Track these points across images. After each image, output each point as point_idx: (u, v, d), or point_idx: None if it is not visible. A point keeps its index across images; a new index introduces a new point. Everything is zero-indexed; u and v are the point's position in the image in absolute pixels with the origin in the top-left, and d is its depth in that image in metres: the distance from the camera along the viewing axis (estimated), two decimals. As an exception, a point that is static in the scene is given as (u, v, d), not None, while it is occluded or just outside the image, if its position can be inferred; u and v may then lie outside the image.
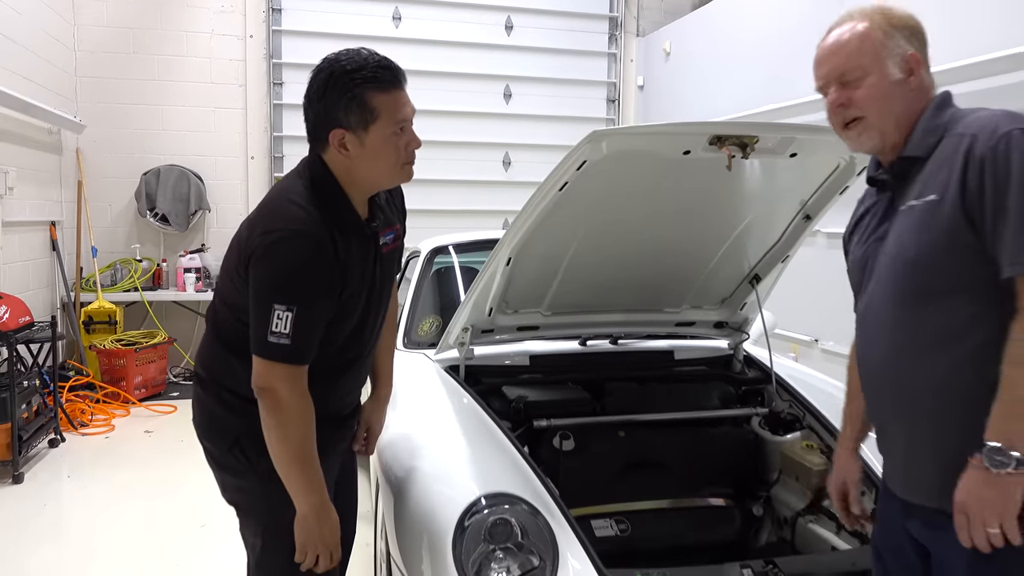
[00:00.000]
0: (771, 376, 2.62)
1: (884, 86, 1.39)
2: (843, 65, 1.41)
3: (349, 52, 1.60)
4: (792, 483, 2.36)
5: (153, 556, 3.25)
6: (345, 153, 1.59)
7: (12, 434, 3.96)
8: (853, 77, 1.40)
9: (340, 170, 1.62)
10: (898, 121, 1.40)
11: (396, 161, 1.61)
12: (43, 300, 5.59)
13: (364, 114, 1.56)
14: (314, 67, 1.62)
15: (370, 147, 1.58)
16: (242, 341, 1.62)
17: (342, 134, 1.57)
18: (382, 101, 1.56)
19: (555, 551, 1.71)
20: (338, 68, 1.56)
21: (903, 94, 1.39)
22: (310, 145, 1.66)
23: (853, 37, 1.40)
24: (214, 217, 6.63)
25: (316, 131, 1.62)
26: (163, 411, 5.45)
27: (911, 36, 1.41)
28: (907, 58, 1.39)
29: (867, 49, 1.39)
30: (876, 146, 1.44)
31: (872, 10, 1.42)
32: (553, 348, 2.75)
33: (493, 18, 7.11)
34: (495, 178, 7.17)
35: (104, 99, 6.28)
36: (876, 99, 1.39)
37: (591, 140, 1.81)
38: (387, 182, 1.68)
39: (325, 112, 1.58)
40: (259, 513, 1.72)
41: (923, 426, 1.39)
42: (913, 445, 1.41)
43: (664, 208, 2.21)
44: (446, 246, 3.46)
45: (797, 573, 1.76)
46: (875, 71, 1.39)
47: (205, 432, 1.74)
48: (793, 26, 5.08)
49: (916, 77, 1.40)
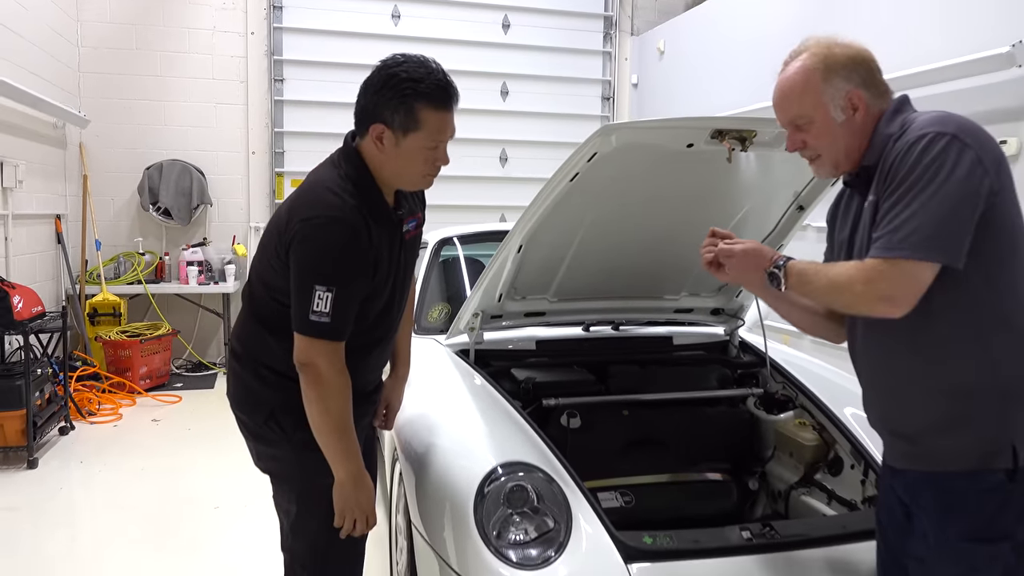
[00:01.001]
0: (765, 360, 2.75)
1: (829, 129, 1.53)
2: (792, 113, 1.57)
3: (416, 60, 1.70)
4: (786, 458, 2.50)
5: (170, 536, 3.37)
6: (380, 147, 1.71)
7: (27, 420, 4.07)
8: (802, 123, 1.55)
9: (372, 162, 1.74)
10: (848, 152, 1.54)
11: (422, 170, 1.74)
12: (49, 292, 5.68)
13: (408, 121, 1.67)
14: (382, 59, 1.72)
15: (403, 150, 1.70)
16: (277, 319, 1.75)
17: (382, 129, 1.69)
18: (429, 116, 1.68)
19: (569, 514, 1.84)
20: (401, 72, 1.67)
21: (848, 131, 1.53)
22: (353, 129, 1.77)
23: (796, 87, 1.54)
24: (216, 211, 6.73)
25: (361, 118, 1.73)
26: (169, 401, 5.56)
27: (851, 72, 1.51)
28: (849, 97, 1.51)
29: (808, 100, 1.53)
30: (834, 173, 1.60)
31: (813, 50, 1.54)
32: (558, 334, 2.89)
33: (490, 16, 7.23)
34: (492, 174, 7.30)
35: (107, 94, 6.37)
36: (824, 141, 1.54)
37: (602, 133, 1.94)
38: (407, 185, 1.80)
39: (375, 105, 1.69)
40: (293, 480, 1.84)
41: (890, 402, 1.57)
42: (887, 418, 1.60)
43: (666, 198, 2.35)
44: (451, 237, 3.59)
45: (792, 534, 1.89)
46: (819, 117, 1.53)
47: (241, 405, 1.86)
48: (784, 27, 5.22)
49: (860, 112, 1.52)
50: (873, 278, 1.38)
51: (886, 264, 1.37)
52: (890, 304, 1.39)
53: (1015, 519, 1.41)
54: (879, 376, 1.59)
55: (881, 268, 1.38)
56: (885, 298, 1.38)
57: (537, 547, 1.79)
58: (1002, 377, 1.42)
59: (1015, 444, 1.40)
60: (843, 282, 1.43)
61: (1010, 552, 1.40)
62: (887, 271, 1.37)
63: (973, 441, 1.43)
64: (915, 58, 4.21)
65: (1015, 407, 1.42)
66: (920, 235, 1.35)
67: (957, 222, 1.36)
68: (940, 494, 1.46)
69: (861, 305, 1.43)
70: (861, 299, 1.42)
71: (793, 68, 1.56)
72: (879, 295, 1.39)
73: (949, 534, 1.44)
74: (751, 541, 1.85)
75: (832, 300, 1.51)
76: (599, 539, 1.81)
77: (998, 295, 1.43)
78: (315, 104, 6.79)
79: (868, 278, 1.39)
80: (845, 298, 1.45)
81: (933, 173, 1.36)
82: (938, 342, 1.45)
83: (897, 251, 1.36)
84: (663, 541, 1.83)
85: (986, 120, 3.89)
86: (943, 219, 1.35)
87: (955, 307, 1.43)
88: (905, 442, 1.54)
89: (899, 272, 1.37)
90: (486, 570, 1.75)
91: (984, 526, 1.41)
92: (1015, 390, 1.42)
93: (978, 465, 1.42)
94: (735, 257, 1.62)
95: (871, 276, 1.39)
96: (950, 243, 1.36)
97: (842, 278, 1.44)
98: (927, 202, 1.35)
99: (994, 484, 1.41)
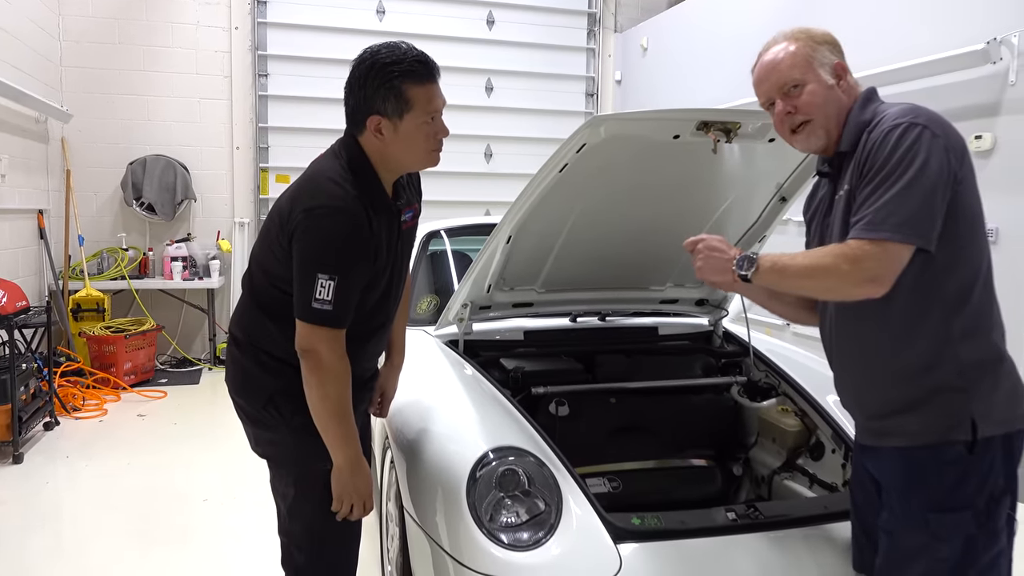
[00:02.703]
0: (749, 349, 2.81)
1: (822, 91, 1.60)
2: (783, 78, 1.62)
3: (389, 45, 1.75)
4: (769, 444, 2.56)
5: (159, 528, 3.37)
6: (380, 138, 1.74)
7: (12, 415, 4.05)
8: (792, 87, 1.61)
9: (374, 152, 1.77)
10: (837, 119, 1.61)
11: (426, 147, 1.78)
12: (32, 288, 5.64)
13: (400, 104, 1.71)
14: (356, 57, 1.76)
15: (403, 133, 1.74)
16: (278, 306, 1.78)
17: (379, 120, 1.73)
18: (416, 92, 1.72)
19: (559, 497, 1.88)
20: (378, 60, 1.71)
21: (837, 97, 1.61)
22: (347, 128, 1.81)
23: (786, 55, 1.62)
24: (200, 206, 6.71)
25: (355, 116, 1.77)
26: (154, 396, 5.54)
27: (833, 48, 1.63)
28: (835, 66, 1.61)
29: (800, 63, 1.60)
30: (823, 144, 1.64)
31: (797, 32, 1.64)
32: (546, 324, 2.93)
33: (475, 13, 7.26)
34: (477, 170, 7.33)
35: (90, 89, 6.33)
36: (818, 103, 1.60)
37: (591, 125, 1.99)
38: (416, 165, 1.84)
39: (365, 100, 1.73)
40: (291, 464, 1.88)
41: (860, 382, 1.64)
42: (857, 398, 1.67)
43: (653, 190, 2.39)
44: (439, 230, 3.62)
45: (776, 515, 1.95)
46: (812, 79, 1.60)
47: (239, 390, 1.89)
48: (765, 24, 5.29)
49: (845, 81, 1.61)
50: (860, 257, 1.43)
51: (871, 245, 1.42)
52: (876, 284, 1.44)
53: (975, 489, 1.48)
54: (849, 356, 1.66)
55: (867, 248, 1.43)
56: (872, 278, 1.43)
57: (528, 529, 1.83)
58: (961, 354, 1.49)
59: (974, 417, 1.47)
60: (827, 264, 1.47)
61: (971, 521, 1.47)
62: (873, 251, 1.42)
63: (936, 416, 1.50)
64: (894, 54, 4.30)
65: (973, 382, 1.49)
66: (900, 218, 1.41)
67: (932, 207, 1.42)
68: (905, 467, 1.54)
69: (846, 286, 1.47)
70: (847, 279, 1.45)
71: (776, 48, 1.63)
72: (866, 275, 1.43)
73: (913, 505, 1.52)
74: (736, 521, 1.91)
75: (812, 285, 1.53)
76: (589, 521, 1.85)
77: (957, 277, 1.50)
78: (300, 100, 6.79)
79: (854, 257, 1.43)
80: (828, 281, 1.48)
81: (909, 161, 1.42)
82: (902, 322, 1.52)
83: (882, 232, 1.41)
84: (651, 522, 1.88)
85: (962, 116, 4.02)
86: (920, 204, 1.41)
87: (918, 288, 1.50)
88: (875, 420, 1.61)
89: (884, 252, 1.42)
90: (479, 552, 1.79)
91: (945, 496, 1.48)
92: (973, 367, 1.49)
93: (939, 438, 1.49)
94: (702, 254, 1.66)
95: (857, 256, 1.43)
96: (925, 227, 1.42)
97: (825, 260, 1.48)
98: (905, 188, 1.41)
99: (954, 456, 1.48)
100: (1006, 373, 1.53)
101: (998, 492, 1.49)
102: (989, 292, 1.54)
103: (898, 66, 4.20)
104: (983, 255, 1.54)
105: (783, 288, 1.60)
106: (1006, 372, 1.53)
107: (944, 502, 1.48)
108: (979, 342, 1.51)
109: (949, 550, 1.48)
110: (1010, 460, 1.51)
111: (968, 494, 1.48)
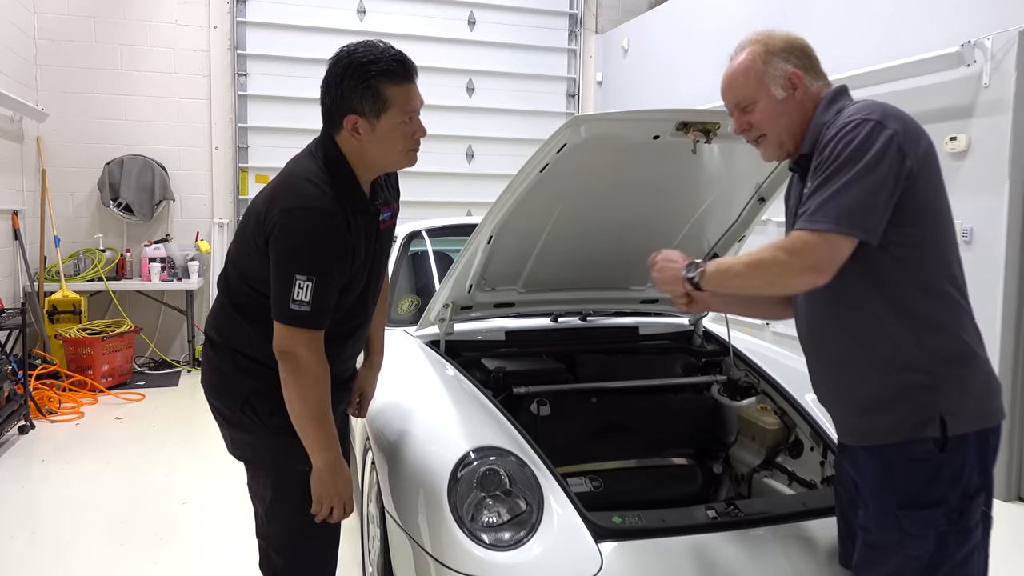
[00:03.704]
0: (728, 348, 2.83)
1: (772, 107, 1.63)
2: (736, 97, 1.67)
3: (366, 44, 1.73)
4: (748, 443, 2.58)
5: (137, 532, 3.34)
6: (357, 137, 1.73)
7: (-14, 418, 3.99)
8: (747, 104, 1.66)
9: (351, 152, 1.76)
10: (791, 130, 1.64)
11: (403, 147, 1.77)
12: (6, 289, 5.57)
13: (377, 103, 1.70)
14: (333, 56, 1.75)
15: (380, 133, 1.73)
16: (254, 306, 1.76)
17: (356, 119, 1.71)
18: (394, 92, 1.71)
19: (540, 497, 1.88)
20: (356, 59, 1.70)
21: (790, 109, 1.63)
22: (324, 127, 1.80)
23: (739, 72, 1.66)
24: (178, 207, 6.65)
25: (331, 115, 1.75)
26: (132, 399, 5.48)
27: (788, 55, 1.63)
28: (788, 76, 1.62)
29: (751, 80, 1.64)
30: (779, 154, 1.69)
31: (756, 40, 1.67)
32: (527, 324, 2.93)
33: (456, 13, 7.26)
34: (458, 170, 7.33)
35: (66, 88, 6.26)
36: (768, 119, 1.64)
37: (571, 124, 1.99)
38: (393, 165, 1.83)
39: (341, 98, 1.71)
40: (269, 467, 1.86)
41: (834, 380, 1.66)
42: (832, 398, 1.70)
43: (633, 189, 2.40)
44: (420, 231, 3.61)
45: (755, 512, 1.96)
46: (762, 96, 1.63)
47: (216, 392, 1.87)
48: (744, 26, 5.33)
49: (800, 90, 1.63)
50: (798, 248, 1.46)
51: (811, 235, 1.45)
52: (816, 272, 1.46)
53: (948, 486, 1.49)
54: (822, 356, 1.68)
55: (806, 239, 1.46)
56: (811, 266, 1.45)
57: (510, 529, 1.83)
58: (927, 352, 1.51)
59: (942, 414, 1.49)
60: (765, 258, 1.50)
61: (942, 517, 1.49)
62: (811, 241, 1.45)
63: (906, 414, 1.52)
64: (868, 57, 4.35)
65: (941, 380, 1.50)
66: (839, 210, 1.43)
67: (875, 201, 1.44)
68: (877, 466, 1.56)
69: (787, 276, 1.48)
70: (787, 269, 1.47)
71: (738, 59, 1.67)
72: (805, 263, 1.46)
73: (885, 503, 1.53)
74: (716, 519, 1.92)
75: (755, 281, 1.54)
76: (570, 520, 1.86)
77: (916, 274, 1.51)
78: (280, 100, 6.75)
79: (793, 248, 1.47)
80: (769, 274, 1.50)
81: (858, 156, 1.45)
82: (863, 320, 1.54)
83: (820, 223, 1.44)
84: (632, 520, 1.89)
85: (937, 118, 4.07)
86: (863, 198, 1.43)
87: (875, 285, 1.52)
88: (850, 419, 1.63)
89: (822, 242, 1.44)
90: (460, 552, 1.79)
91: (917, 494, 1.50)
92: (940, 364, 1.51)
93: (909, 436, 1.51)
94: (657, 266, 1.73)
95: (796, 246, 1.46)
96: (867, 220, 1.44)
97: (764, 255, 1.51)
98: (849, 182, 1.44)
99: (924, 453, 1.49)
100: (977, 370, 1.54)
101: (972, 489, 1.50)
102: (958, 289, 1.55)
103: (874, 68, 4.26)
104: (948, 252, 1.55)
105: (732, 289, 1.64)
106: (977, 369, 1.54)
107: (915, 499, 1.50)
108: (946, 339, 1.52)
109: (921, 547, 1.49)
110: (985, 457, 1.52)
111: (940, 491, 1.49)
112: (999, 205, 3.72)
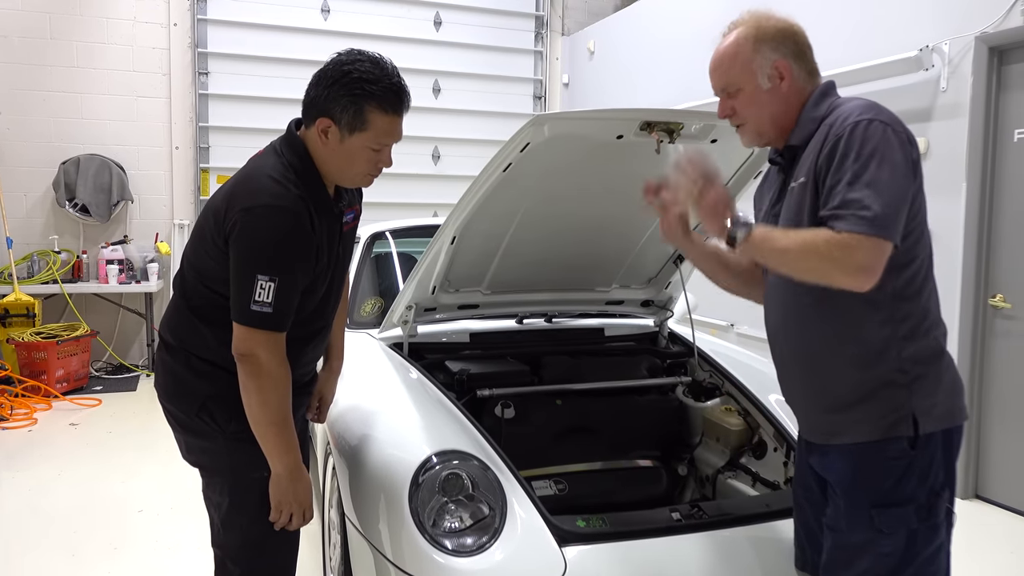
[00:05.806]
0: (694, 350, 2.83)
1: (756, 96, 1.61)
2: (723, 80, 1.65)
3: (373, 59, 1.67)
4: (713, 444, 2.58)
5: (91, 541, 3.24)
6: (324, 141, 1.68)
7: (-68, 426, 3.85)
8: (732, 90, 1.64)
9: (314, 153, 1.71)
10: (774, 121, 1.62)
11: (363, 170, 1.73)
12: (-45, 292, 5.40)
13: (356, 121, 1.65)
14: (340, 52, 1.69)
15: (347, 148, 1.68)
16: (211, 308, 1.71)
17: (328, 124, 1.67)
18: (377, 119, 1.66)
19: (503, 501, 1.86)
20: (355, 70, 1.64)
21: (774, 99, 1.61)
22: (294, 120, 1.75)
23: (728, 55, 1.62)
24: (137, 208, 6.50)
25: (309, 109, 1.70)
26: (88, 404, 5.34)
27: (779, 45, 1.60)
28: (775, 66, 1.59)
29: (738, 67, 1.61)
30: (759, 142, 1.67)
31: (748, 22, 1.63)
32: (492, 326, 2.90)
33: (422, 13, 7.21)
34: (424, 171, 7.27)
35: (19, 85, 6.08)
36: (751, 108, 1.62)
37: (535, 123, 1.97)
38: (346, 182, 1.78)
39: (324, 99, 1.66)
40: (225, 474, 1.80)
41: (808, 376, 1.64)
42: (804, 395, 1.67)
43: (597, 190, 2.39)
44: (384, 232, 3.56)
45: (719, 514, 1.96)
46: (747, 85, 1.61)
47: (170, 396, 1.81)
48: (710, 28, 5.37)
49: (787, 81, 1.60)
50: (853, 247, 1.39)
51: (865, 239, 1.39)
52: (867, 274, 1.41)
53: (917, 484, 1.50)
54: (795, 353, 1.65)
55: (861, 240, 1.39)
56: (864, 268, 1.40)
57: (472, 534, 1.80)
58: (905, 350, 1.51)
59: (915, 413, 1.49)
60: (819, 244, 1.42)
61: (913, 515, 1.49)
62: (866, 243, 1.39)
63: (880, 412, 1.51)
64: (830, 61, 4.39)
65: (915, 378, 1.51)
66: (888, 218, 1.40)
67: (904, 206, 1.44)
68: (851, 464, 1.55)
69: (835, 271, 1.42)
70: (837, 265, 1.41)
71: (728, 40, 1.64)
72: (858, 265, 1.40)
73: (858, 501, 1.53)
74: (680, 521, 1.91)
75: (801, 264, 1.47)
76: (533, 524, 1.83)
77: (907, 273, 1.51)
78: (242, 99, 6.63)
79: (847, 245, 1.40)
80: (821, 262, 1.43)
81: (881, 158, 1.42)
82: (840, 316, 1.53)
83: (871, 229, 1.39)
84: (596, 524, 1.87)
85: (897, 120, 4.11)
86: (898, 204, 1.42)
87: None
88: (822, 415, 1.61)
89: (875, 247, 1.40)
90: (422, 559, 1.75)
91: (889, 492, 1.50)
92: (916, 362, 1.51)
93: (883, 434, 1.51)
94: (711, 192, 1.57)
95: (851, 245, 1.39)
96: (900, 226, 1.43)
97: (818, 240, 1.43)
98: (885, 187, 1.40)
99: (898, 452, 1.50)
100: (946, 369, 1.55)
101: (938, 486, 1.51)
102: (932, 288, 1.57)
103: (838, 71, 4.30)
104: (928, 251, 1.56)
105: (763, 259, 1.55)
106: (945, 368, 1.55)
107: (888, 497, 1.50)
108: (922, 338, 1.52)
109: (892, 545, 1.50)
110: (949, 455, 1.54)
111: (911, 489, 1.49)
112: (957, 207, 3.79)
